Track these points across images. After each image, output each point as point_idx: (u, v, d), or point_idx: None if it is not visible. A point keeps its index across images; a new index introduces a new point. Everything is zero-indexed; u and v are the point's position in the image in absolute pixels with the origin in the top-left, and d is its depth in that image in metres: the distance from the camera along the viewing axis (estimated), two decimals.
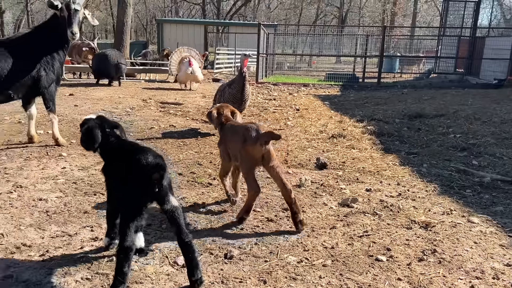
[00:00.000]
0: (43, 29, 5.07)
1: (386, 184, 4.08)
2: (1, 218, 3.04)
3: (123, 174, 2.31)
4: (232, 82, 5.93)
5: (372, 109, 8.60)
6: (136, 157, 2.25)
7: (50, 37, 4.98)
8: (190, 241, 2.24)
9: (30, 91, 4.98)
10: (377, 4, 40.33)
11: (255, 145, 2.96)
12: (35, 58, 4.88)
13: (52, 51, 5.00)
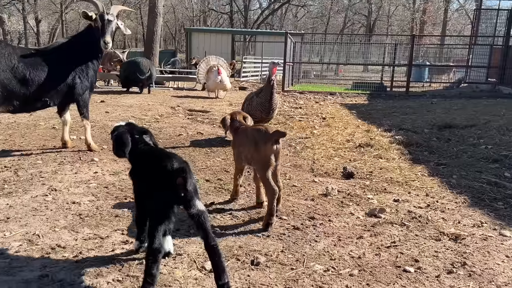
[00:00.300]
0: (79, 39, 5.29)
1: (415, 194, 4.03)
2: (37, 220, 3.16)
3: (150, 179, 2.38)
4: (260, 91, 5.87)
5: (400, 118, 8.50)
6: (161, 163, 2.33)
7: (85, 46, 5.17)
8: (216, 244, 2.26)
9: (65, 98, 5.17)
10: (406, 13, 39.86)
11: (266, 145, 3.15)
12: (70, 66, 5.06)
13: (87, 59, 5.19)
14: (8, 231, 2.95)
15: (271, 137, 3.17)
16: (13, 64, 4.55)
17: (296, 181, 4.35)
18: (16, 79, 4.58)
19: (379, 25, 44.56)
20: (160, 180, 2.31)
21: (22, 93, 4.66)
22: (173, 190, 2.25)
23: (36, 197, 3.64)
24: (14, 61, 4.56)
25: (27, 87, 4.67)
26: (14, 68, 4.56)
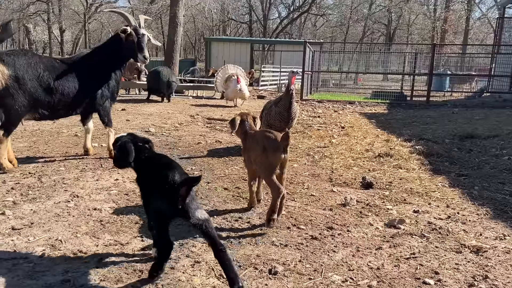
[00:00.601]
0: (102, 49, 5.41)
1: (435, 206, 3.97)
2: (60, 226, 3.23)
3: (152, 187, 2.50)
4: (279, 100, 5.76)
5: (421, 128, 8.40)
6: (164, 174, 2.40)
7: (109, 57, 5.28)
8: (224, 248, 2.32)
9: (87, 107, 5.29)
10: (427, 22, 39.48)
11: (275, 152, 3.21)
12: (93, 76, 5.18)
13: (110, 70, 5.30)
14: (32, 236, 3.02)
15: (280, 145, 3.22)
16: (38, 73, 4.69)
17: (314, 190, 4.34)
18: (41, 88, 4.71)
19: (399, 34, 44.23)
20: (161, 191, 2.38)
21: (47, 101, 4.79)
22: (172, 202, 2.31)
23: (59, 203, 3.72)
24: (40, 70, 4.70)
25: (51, 95, 4.80)
26: (40, 77, 4.69)
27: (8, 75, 4.43)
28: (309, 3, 40.52)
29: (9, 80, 4.43)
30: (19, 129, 7.17)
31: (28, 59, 4.65)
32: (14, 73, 4.47)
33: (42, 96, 4.73)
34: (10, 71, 4.44)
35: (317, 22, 49.18)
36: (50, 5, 30.75)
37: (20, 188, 4.09)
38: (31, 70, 4.62)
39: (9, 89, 4.45)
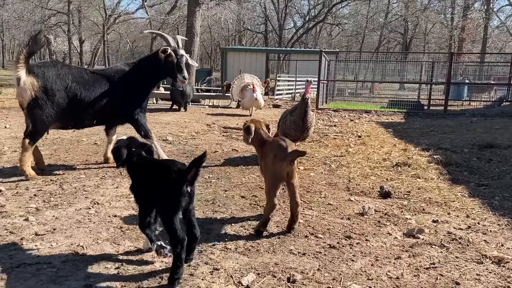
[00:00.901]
0: (140, 66, 5.42)
1: (454, 216, 3.93)
2: (81, 232, 3.30)
3: (158, 183, 2.69)
4: (294, 109, 5.75)
5: (439, 137, 8.32)
6: (170, 167, 2.68)
7: (145, 73, 5.32)
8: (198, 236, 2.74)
9: (115, 119, 5.41)
10: (444, 30, 39.16)
11: (282, 162, 3.25)
12: (126, 90, 5.23)
13: (144, 86, 5.36)
14: (54, 242, 3.09)
15: (289, 155, 3.24)
16: (67, 84, 4.81)
17: (331, 199, 4.34)
18: (69, 99, 4.82)
19: (415, 43, 43.94)
20: (170, 182, 2.59)
21: (74, 112, 4.91)
22: (182, 187, 2.57)
23: (80, 210, 3.79)
24: (68, 81, 4.82)
25: (78, 106, 4.90)
26: (68, 88, 4.81)
27: (38, 87, 4.59)
28: (324, 13, 40.59)
29: (38, 92, 4.59)
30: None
31: (57, 70, 4.78)
32: (43, 85, 4.62)
33: (70, 106, 4.84)
34: (39, 82, 4.60)
35: (332, 31, 49.25)
36: (71, 17, 31.47)
37: (42, 195, 4.18)
38: (60, 81, 4.75)
39: (38, 100, 4.61)
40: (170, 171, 2.63)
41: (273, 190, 3.33)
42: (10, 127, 8.37)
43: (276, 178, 3.32)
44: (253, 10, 40.86)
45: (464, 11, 35.08)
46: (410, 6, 36.68)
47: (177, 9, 30.08)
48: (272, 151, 3.36)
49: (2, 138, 7.21)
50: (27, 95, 4.58)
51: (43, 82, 4.62)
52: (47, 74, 4.68)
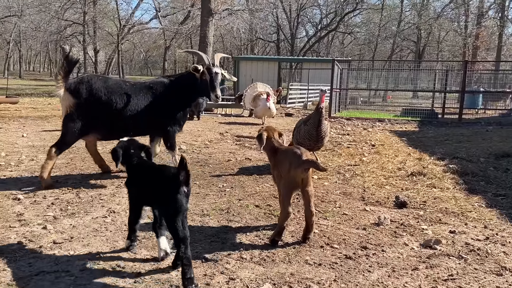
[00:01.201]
0: (178, 81, 5.47)
1: (472, 226, 3.87)
2: (98, 240, 3.33)
3: (157, 185, 2.86)
4: (308, 119, 5.72)
5: (454, 146, 8.23)
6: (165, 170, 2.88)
7: (181, 89, 5.35)
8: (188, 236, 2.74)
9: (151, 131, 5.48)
10: (457, 38, 38.87)
11: (297, 169, 3.25)
12: (161, 104, 5.27)
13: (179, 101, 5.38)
14: (72, 250, 3.13)
15: (303, 164, 3.24)
16: (100, 98, 4.92)
17: (346, 209, 4.31)
18: (102, 112, 4.94)
19: (428, 51, 43.67)
20: (169, 183, 2.74)
21: (107, 124, 5.01)
22: (179, 188, 2.71)
23: (96, 218, 3.83)
24: (102, 95, 4.94)
25: (112, 119, 5.00)
26: (102, 102, 4.92)
27: (73, 103, 4.84)
28: (336, 22, 40.64)
29: (73, 107, 4.85)
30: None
31: (92, 85, 4.93)
32: (77, 101, 4.85)
33: (105, 118, 4.98)
34: (74, 99, 4.84)
35: (344, 40, 49.20)
36: (86, 27, 32.04)
37: (59, 204, 4.24)
38: (94, 96, 4.91)
39: (72, 115, 4.87)
40: (168, 174, 2.80)
41: (287, 198, 3.33)
42: (27, 136, 8.51)
43: (290, 185, 3.32)
44: (265, 20, 41.06)
45: (478, 18, 34.81)
46: (423, 14, 36.53)
47: (190, 19, 30.43)
48: (286, 158, 3.37)
49: (20, 147, 7.34)
50: (64, 111, 4.95)
51: (77, 98, 4.85)
52: (81, 90, 4.88)
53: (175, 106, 5.35)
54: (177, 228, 2.67)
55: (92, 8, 32.23)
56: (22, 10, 38.91)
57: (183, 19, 33.21)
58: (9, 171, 5.58)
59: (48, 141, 7.99)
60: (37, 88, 33.64)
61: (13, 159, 6.30)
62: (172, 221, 2.68)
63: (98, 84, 4.97)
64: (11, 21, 41.46)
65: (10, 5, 42.63)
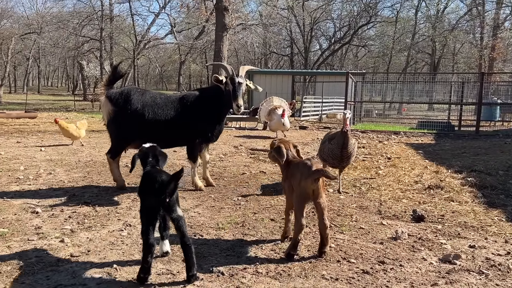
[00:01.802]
0: (205, 93, 5.60)
1: (492, 241, 3.79)
2: (115, 254, 3.35)
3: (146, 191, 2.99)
4: (334, 137, 5.51)
5: (472, 159, 8.10)
6: (155, 177, 2.94)
7: (208, 100, 5.46)
8: (190, 244, 2.88)
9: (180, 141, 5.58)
10: (473, 50, 38.54)
11: (307, 180, 3.24)
12: (190, 115, 5.39)
13: (206, 112, 5.45)
14: (89, 263, 3.14)
15: (312, 174, 3.24)
16: (136, 108, 5.23)
17: (363, 223, 4.26)
18: (138, 121, 5.22)
19: (444, 63, 43.38)
20: (152, 191, 2.86)
21: (143, 133, 5.20)
22: (160, 197, 2.81)
23: (113, 232, 3.86)
24: (138, 105, 5.26)
25: (148, 128, 5.24)
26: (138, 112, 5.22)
27: (112, 110, 5.30)
28: (350, 35, 40.73)
29: (112, 114, 5.31)
30: (73, 161, 7.56)
31: (130, 96, 5.28)
32: (116, 109, 5.28)
33: (137, 129, 5.25)
34: (113, 106, 5.29)
35: (358, 52, 49.22)
36: (103, 43, 32.69)
37: (77, 217, 4.28)
38: (130, 106, 5.24)
39: (112, 121, 5.36)
40: (154, 182, 2.90)
41: (300, 210, 3.31)
42: (45, 150, 8.66)
43: (302, 197, 3.31)
44: (279, 34, 41.40)
45: (494, 30, 34.50)
46: (437, 26, 36.37)
47: (205, 34, 30.82)
48: (298, 170, 3.38)
49: (38, 160, 7.46)
50: (104, 116, 5.47)
51: (116, 106, 5.28)
52: (120, 100, 5.28)
53: (201, 118, 5.44)
54: (147, 232, 2.82)
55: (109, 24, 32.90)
56: (42, 27, 39.97)
57: (197, 34, 33.64)
58: (28, 185, 5.67)
59: (66, 155, 8.12)
60: (55, 103, 34.31)
61: (31, 172, 6.41)
62: (143, 224, 2.87)
63: (135, 96, 5.32)
64: (31, 38, 42.59)
65: (30, 22, 43.84)
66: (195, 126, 5.45)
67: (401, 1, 40.47)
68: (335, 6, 42.51)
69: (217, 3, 16.85)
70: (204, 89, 5.85)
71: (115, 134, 5.46)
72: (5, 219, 4.16)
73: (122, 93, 5.36)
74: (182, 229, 2.88)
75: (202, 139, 5.56)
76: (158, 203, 2.83)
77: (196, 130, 5.47)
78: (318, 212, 3.34)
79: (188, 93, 5.71)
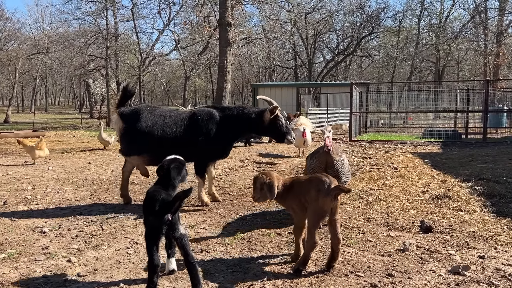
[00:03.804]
0: (226, 112, 5.63)
1: (502, 251, 3.74)
2: (121, 272, 3.34)
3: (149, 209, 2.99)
4: (317, 152, 4.70)
5: (479, 167, 8.03)
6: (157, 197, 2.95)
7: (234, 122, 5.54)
8: (194, 262, 2.88)
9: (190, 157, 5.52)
10: (477, 57, 38.46)
11: (327, 198, 3.19)
12: (200, 132, 5.45)
13: (226, 133, 5.53)
14: (96, 283, 3.14)
15: (332, 191, 3.20)
16: (147, 125, 5.39)
17: (370, 235, 4.23)
18: (148, 137, 5.35)
19: (448, 71, 43.28)
20: (154, 210, 2.88)
21: (152, 148, 5.35)
22: (162, 216, 2.82)
23: (119, 250, 3.86)
24: (148, 123, 5.40)
25: (155, 144, 5.36)
26: (147, 128, 5.37)
27: (122, 127, 5.49)
28: (353, 46, 40.87)
29: (123, 130, 5.50)
30: (80, 179, 7.60)
31: (140, 114, 5.43)
32: (126, 125, 5.47)
33: (146, 144, 5.38)
34: (124, 123, 5.47)
35: (362, 63, 49.29)
36: (108, 61, 33.04)
37: (83, 236, 4.29)
38: (141, 122, 5.40)
39: (123, 137, 5.55)
40: (155, 201, 2.92)
41: (315, 227, 3.25)
42: (52, 169, 8.72)
43: (319, 214, 3.24)
44: (282, 47, 41.62)
45: (497, 37, 34.45)
46: (440, 35, 36.41)
47: (209, 49, 31.05)
48: (312, 187, 3.29)
49: (45, 179, 7.51)
50: (117, 132, 5.69)
51: (126, 123, 5.46)
52: (130, 117, 5.46)
53: (218, 138, 5.50)
54: (151, 253, 2.84)
55: (114, 42, 33.28)
56: (48, 47, 40.55)
57: (202, 49, 33.92)
58: (35, 204, 5.70)
59: (73, 174, 8.17)
60: (62, 121, 34.62)
61: (39, 192, 6.45)
62: (147, 244, 2.88)
63: (146, 114, 5.47)
64: (38, 58, 43.17)
65: (37, 43, 44.49)
66: (209, 144, 5.46)
67: (403, 11, 40.66)
68: (337, 17, 42.76)
69: (220, 18, 17.01)
70: (226, 108, 5.75)
71: (125, 148, 5.63)
72: (13, 240, 4.18)
73: (133, 111, 5.53)
74: (185, 248, 2.88)
75: (214, 157, 5.65)
76: (160, 223, 2.82)
77: (210, 148, 5.49)
78: (333, 228, 3.30)
79: (201, 109, 5.75)
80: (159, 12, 34.95)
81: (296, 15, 34.32)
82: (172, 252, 3.28)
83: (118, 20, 34.24)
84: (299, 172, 8.15)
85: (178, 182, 3.20)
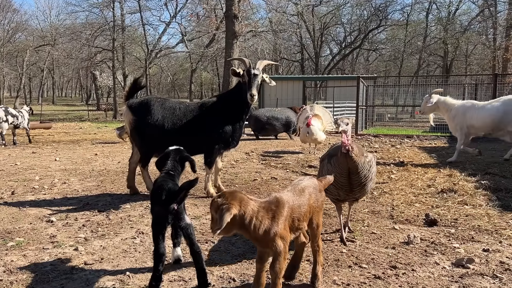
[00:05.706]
0: (224, 96, 5.75)
1: (507, 244, 3.74)
2: (128, 261, 3.39)
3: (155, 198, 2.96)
4: (335, 153, 3.58)
5: (486, 162, 8.00)
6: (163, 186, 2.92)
7: (227, 102, 5.56)
8: (200, 251, 2.91)
9: (200, 148, 5.60)
10: (486, 51, 38.09)
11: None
12: (206, 120, 5.47)
13: (226, 116, 5.51)
14: (102, 271, 3.19)
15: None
16: (157, 118, 5.37)
17: (375, 228, 4.24)
18: (158, 129, 5.34)
19: (456, 65, 42.92)
20: (161, 200, 2.85)
21: (164, 141, 5.19)
22: (168, 206, 2.81)
23: (125, 240, 3.90)
24: (158, 115, 5.38)
25: (167, 136, 5.33)
26: (157, 121, 5.36)
27: (132, 119, 5.46)
28: (361, 39, 40.62)
29: (132, 123, 5.47)
30: (87, 170, 7.67)
31: (149, 105, 5.41)
32: (135, 118, 5.44)
33: (157, 136, 5.36)
34: (133, 116, 5.45)
35: (369, 56, 49.00)
36: (115, 53, 33.11)
37: (90, 225, 4.34)
38: (149, 115, 5.38)
39: (133, 130, 5.50)
40: (162, 190, 2.89)
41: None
42: (60, 160, 8.80)
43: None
44: (289, 40, 41.49)
45: (507, 31, 34.06)
46: (449, 28, 36.07)
47: (215, 42, 31.02)
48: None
49: (53, 170, 7.58)
50: (127, 126, 5.65)
51: (135, 115, 5.44)
52: (140, 109, 5.43)
53: (221, 120, 5.48)
54: (157, 242, 2.83)
55: (121, 34, 33.32)
56: (55, 39, 40.72)
57: (208, 42, 33.89)
58: (43, 194, 5.77)
59: (80, 165, 8.23)
60: (69, 113, 34.85)
61: (46, 182, 6.52)
62: (153, 233, 2.87)
63: (155, 105, 5.44)
64: (45, 50, 43.37)
65: (44, 35, 44.67)
66: (216, 130, 5.45)
67: (411, 4, 40.29)
68: (344, 10, 42.49)
69: (227, 11, 16.99)
70: (223, 93, 5.96)
71: (138, 142, 5.59)
72: (21, 228, 4.24)
73: (142, 103, 5.49)
74: (191, 237, 2.91)
75: (223, 144, 5.59)
76: (166, 212, 2.83)
77: (217, 134, 5.47)
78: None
79: (207, 100, 5.81)
80: (165, 4, 34.86)
81: (303, 8, 34.13)
82: (178, 241, 3.32)
83: (125, 12, 34.24)
84: (304, 165, 8.16)
85: (178, 172, 3.28)
